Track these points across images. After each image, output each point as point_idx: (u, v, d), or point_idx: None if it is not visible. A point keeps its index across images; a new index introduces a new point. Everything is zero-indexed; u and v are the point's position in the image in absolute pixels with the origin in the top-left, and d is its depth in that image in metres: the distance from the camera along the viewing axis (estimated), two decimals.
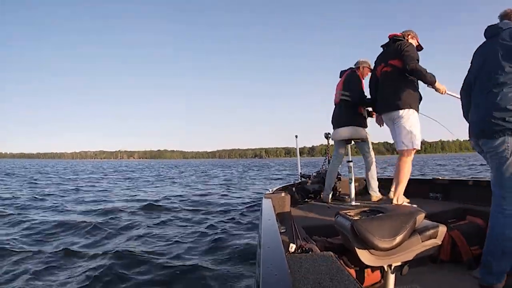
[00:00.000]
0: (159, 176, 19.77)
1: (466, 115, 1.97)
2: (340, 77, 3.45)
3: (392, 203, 2.42)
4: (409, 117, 2.50)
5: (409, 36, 2.65)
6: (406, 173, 2.48)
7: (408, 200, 2.49)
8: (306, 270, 0.90)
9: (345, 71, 3.42)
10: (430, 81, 2.43)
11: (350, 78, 3.27)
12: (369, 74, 3.44)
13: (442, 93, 2.51)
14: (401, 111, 2.50)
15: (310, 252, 1.13)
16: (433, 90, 2.51)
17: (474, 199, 2.36)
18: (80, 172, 23.61)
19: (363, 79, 3.36)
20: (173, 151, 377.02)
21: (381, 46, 2.80)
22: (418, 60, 2.48)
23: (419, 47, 2.73)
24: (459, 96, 2.34)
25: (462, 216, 2.22)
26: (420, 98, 2.62)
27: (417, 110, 2.58)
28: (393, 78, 2.58)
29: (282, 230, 1.73)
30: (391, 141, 2.75)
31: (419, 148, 2.52)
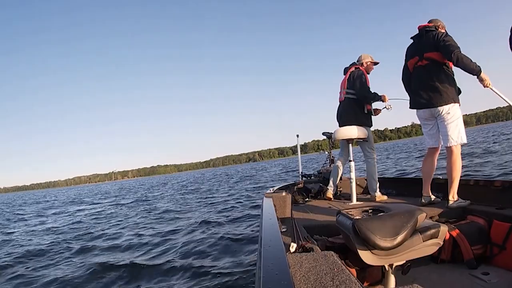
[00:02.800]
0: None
1: None
2: (344, 74, 3.43)
3: (448, 202, 2.34)
4: (455, 112, 2.40)
5: (440, 26, 2.47)
6: (459, 169, 2.38)
7: (464, 201, 2.34)
8: (307, 270, 0.89)
9: (348, 68, 3.39)
10: (476, 70, 2.24)
11: (355, 75, 3.24)
12: (373, 68, 3.41)
13: (485, 86, 2.30)
14: (447, 107, 2.39)
15: (311, 252, 1.13)
16: (476, 81, 2.30)
17: (475, 198, 2.35)
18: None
19: (368, 74, 3.34)
20: (166, 165, 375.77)
21: (411, 38, 2.63)
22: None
23: None
24: (503, 97, 2.18)
25: (463, 215, 2.21)
26: (459, 91, 2.49)
27: (459, 103, 2.45)
28: (432, 72, 2.44)
29: (283, 230, 1.73)
30: (381, 128, 2.63)
31: (466, 142, 2.41)
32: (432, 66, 2.43)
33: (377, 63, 3.42)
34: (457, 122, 2.40)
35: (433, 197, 2.56)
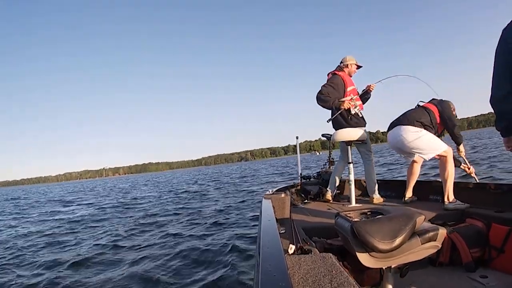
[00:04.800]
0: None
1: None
2: None
3: (444, 203, 2.46)
4: (414, 136, 2.64)
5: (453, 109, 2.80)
6: (450, 172, 2.54)
7: (462, 203, 2.40)
8: (305, 271, 0.90)
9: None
10: (459, 142, 2.72)
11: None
12: (356, 72, 3.37)
13: (459, 153, 2.83)
14: (409, 132, 2.65)
15: (309, 253, 1.13)
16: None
17: (474, 201, 2.36)
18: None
19: (351, 76, 3.30)
20: (158, 163, 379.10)
21: None
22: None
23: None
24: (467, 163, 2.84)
25: (461, 218, 2.21)
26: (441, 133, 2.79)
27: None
28: (414, 110, 2.82)
29: (282, 231, 1.73)
30: (373, 131, 2.83)
31: (434, 154, 2.60)
32: (420, 108, 2.78)
33: (361, 66, 3.35)
34: (419, 143, 2.61)
35: (414, 198, 2.92)
